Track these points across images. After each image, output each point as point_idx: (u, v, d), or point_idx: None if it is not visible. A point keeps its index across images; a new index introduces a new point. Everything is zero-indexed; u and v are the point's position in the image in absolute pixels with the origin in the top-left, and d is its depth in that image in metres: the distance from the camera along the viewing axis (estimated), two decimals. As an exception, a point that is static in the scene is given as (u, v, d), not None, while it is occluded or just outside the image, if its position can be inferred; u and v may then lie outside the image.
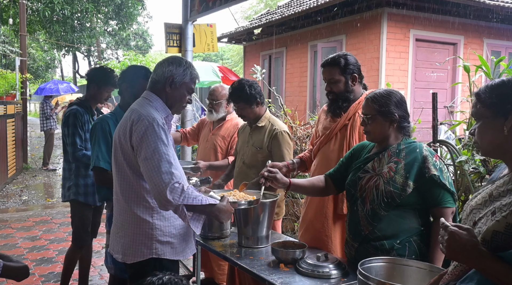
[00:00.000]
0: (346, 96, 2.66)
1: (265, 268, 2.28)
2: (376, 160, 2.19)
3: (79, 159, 3.30)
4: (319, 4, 9.01)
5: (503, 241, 1.25)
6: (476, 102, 1.44)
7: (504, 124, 1.36)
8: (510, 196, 1.30)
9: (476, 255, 1.26)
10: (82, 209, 3.44)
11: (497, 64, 3.31)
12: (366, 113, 2.19)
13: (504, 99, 1.37)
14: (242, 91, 3.07)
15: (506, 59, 3.89)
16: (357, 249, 2.18)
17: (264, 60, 12.24)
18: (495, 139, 1.39)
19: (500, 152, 1.42)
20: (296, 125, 5.38)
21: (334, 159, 2.67)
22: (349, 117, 2.66)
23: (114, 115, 2.86)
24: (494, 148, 1.42)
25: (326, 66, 2.67)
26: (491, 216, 1.31)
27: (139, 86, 2.68)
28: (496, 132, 1.38)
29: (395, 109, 2.13)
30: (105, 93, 3.44)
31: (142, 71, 2.82)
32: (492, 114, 1.39)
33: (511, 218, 1.25)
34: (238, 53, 27.81)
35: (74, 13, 16.55)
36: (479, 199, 1.42)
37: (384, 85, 7.61)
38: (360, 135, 2.62)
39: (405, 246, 2.06)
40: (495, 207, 1.32)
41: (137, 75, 2.79)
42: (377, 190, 2.11)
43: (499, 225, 1.27)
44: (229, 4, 3.93)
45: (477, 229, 1.34)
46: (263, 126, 3.15)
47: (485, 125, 1.41)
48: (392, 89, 2.23)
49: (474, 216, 1.39)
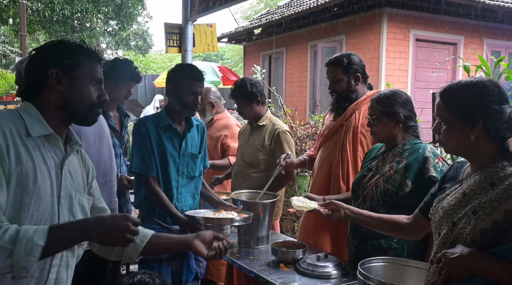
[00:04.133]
0: (348, 95, 2.67)
1: (265, 268, 2.28)
2: (381, 159, 2.21)
3: None
4: (319, 4, 9.01)
5: (492, 237, 1.29)
6: (441, 104, 1.45)
7: (471, 131, 1.37)
8: (486, 193, 1.34)
9: (473, 259, 1.29)
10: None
11: (497, 64, 3.31)
12: (371, 114, 2.20)
13: (471, 106, 1.38)
14: (243, 89, 3.09)
15: (506, 59, 3.88)
16: (356, 247, 2.19)
17: (264, 60, 12.24)
18: (461, 142, 1.42)
19: (465, 153, 1.44)
20: (296, 125, 5.38)
21: (328, 159, 2.70)
22: (346, 118, 2.67)
23: (157, 117, 2.53)
24: (459, 149, 1.45)
25: (329, 65, 2.69)
26: (473, 215, 1.34)
27: (184, 88, 2.45)
28: (462, 137, 1.40)
29: (400, 109, 2.13)
30: (123, 90, 2.91)
31: (187, 70, 2.52)
32: (459, 122, 1.40)
33: (496, 214, 1.29)
34: (238, 53, 27.81)
35: (74, 13, 16.55)
36: (451, 200, 1.44)
37: (384, 85, 7.61)
38: (354, 135, 2.63)
39: (403, 247, 2.06)
40: (474, 206, 1.34)
41: (181, 75, 2.49)
42: (377, 188, 2.12)
43: (485, 223, 1.30)
44: (229, 4, 3.93)
45: (459, 229, 1.37)
46: (264, 125, 3.16)
47: (451, 130, 1.43)
48: (397, 89, 2.23)
49: (452, 217, 1.41)
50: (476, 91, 1.39)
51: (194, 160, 2.58)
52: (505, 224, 1.28)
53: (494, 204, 1.30)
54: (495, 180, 1.35)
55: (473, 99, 1.39)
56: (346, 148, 2.65)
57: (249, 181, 3.06)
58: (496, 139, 1.38)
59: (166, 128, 2.49)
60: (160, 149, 2.46)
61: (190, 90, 2.45)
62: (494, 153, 1.38)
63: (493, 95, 1.38)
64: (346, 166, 2.64)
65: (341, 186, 2.64)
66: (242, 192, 2.84)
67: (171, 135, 2.50)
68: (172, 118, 2.50)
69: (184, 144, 2.52)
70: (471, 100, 1.39)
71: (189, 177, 2.57)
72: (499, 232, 1.28)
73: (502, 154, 1.38)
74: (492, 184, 1.35)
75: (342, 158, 2.66)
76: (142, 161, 2.44)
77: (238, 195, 2.81)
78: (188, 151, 2.54)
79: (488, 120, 1.36)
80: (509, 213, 1.27)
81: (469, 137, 1.38)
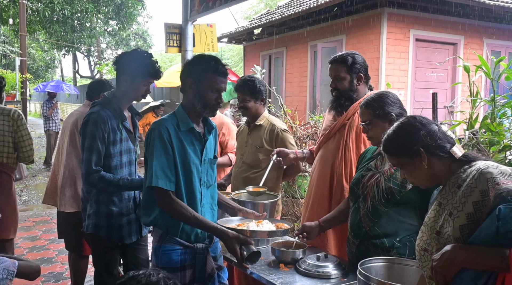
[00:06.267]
0: (349, 94, 2.67)
1: (265, 268, 2.28)
2: (379, 158, 2.21)
3: (93, 184, 2.45)
4: (319, 4, 9.01)
5: (471, 230, 1.41)
6: (388, 155, 1.69)
7: (421, 161, 1.57)
8: (455, 195, 1.50)
9: (455, 252, 1.40)
10: (105, 247, 2.57)
11: (497, 64, 3.31)
12: (363, 120, 2.22)
13: (407, 144, 1.59)
14: (253, 84, 3.11)
15: (506, 59, 3.88)
16: (358, 247, 2.19)
17: (264, 60, 12.24)
18: (423, 174, 1.60)
19: (433, 179, 1.63)
20: (296, 125, 5.38)
21: (330, 158, 2.70)
22: (348, 117, 2.67)
23: (174, 118, 2.15)
24: (427, 180, 1.63)
25: (333, 63, 2.70)
26: (450, 217, 1.48)
27: (207, 84, 2.12)
28: (420, 169, 1.59)
29: (391, 108, 2.16)
30: (142, 87, 2.53)
31: (211, 63, 2.13)
32: (409, 160, 1.60)
33: (467, 208, 1.43)
34: (238, 53, 27.81)
35: (74, 13, 16.57)
36: (431, 213, 1.60)
37: (384, 85, 7.62)
38: (357, 135, 2.63)
39: (405, 245, 2.06)
40: (449, 209, 1.50)
41: (204, 69, 2.13)
42: (378, 187, 2.12)
43: (461, 219, 1.44)
44: (229, 4, 3.92)
45: (444, 235, 1.49)
46: (262, 124, 3.16)
47: (409, 169, 1.63)
48: (382, 91, 2.27)
49: (435, 227, 1.55)
50: (402, 131, 1.63)
51: (212, 166, 2.27)
52: (477, 214, 1.41)
53: (463, 200, 1.46)
54: (460, 182, 1.51)
55: (404, 138, 1.61)
56: (350, 147, 2.65)
57: (250, 182, 3.05)
58: (443, 154, 1.56)
59: (187, 132, 2.13)
60: (183, 157, 2.10)
61: (214, 86, 2.11)
62: (450, 165, 1.57)
63: (416, 126, 1.60)
64: (350, 166, 2.63)
65: (344, 185, 2.64)
66: (241, 192, 2.85)
67: (193, 139, 2.15)
68: (190, 119, 2.16)
69: (205, 149, 2.20)
70: (403, 139, 1.61)
71: (207, 186, 2.23)
72: (475, 224, 1.40)
73: (457, 163, 1.56)
74: (459, 186, 1.51)
75: (345, 157, 2.66)
76: (164, 174, 2.05)
77: (238, 195, 2.81)
78: (208, 157, 2.22)
79: (425, 145, 1.56)
80: (477, 203, 1.41)
81: (423, 166, 1.57)
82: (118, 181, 2.46)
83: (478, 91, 3.43)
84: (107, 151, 2.47)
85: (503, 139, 2.99)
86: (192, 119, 2.16)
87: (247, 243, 2.00)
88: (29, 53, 24.87)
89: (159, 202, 2.07)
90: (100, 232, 2.52)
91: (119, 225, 2.53)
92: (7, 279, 1.77)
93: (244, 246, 1.99)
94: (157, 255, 2.12)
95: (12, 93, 10.65)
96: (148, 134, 2.13)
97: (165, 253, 2.10)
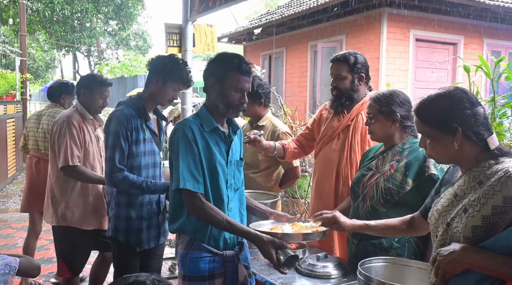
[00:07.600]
0: (350, 94, 2.67)
1: (265, 268, 2.28)
2: (380, 158, 2.22)
3: (116, 183, 2.39)
4: (319, 4, 9.01)
5: (483, 233, 1.34)
6: (419, 121, 1.53)
7: (453, 140, 1.45)
8: (475, 191, 1.41)
9: (464, 254, 1.34)
10: (124, 252, 2.51)
11: (497, 64, 3.31)
12: (369, 112, 2.22)
13: (447, 117, 1.45)
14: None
15: (506, 59, 3.88)
16: (357, 246, 2.19)
17: (264, 60, 12.24)
18: (447, 153, 1.49)
19: (454, 161, 1.52)
20: (296, 125, 5.38)
21: (335, 160, 2.68)
22: (352, 118, 2.67)
23: (198, 118, 2.08)
24: (448, 159, 1.52)
25: (335, 61, 2.69)
26: (464, 214, 1.40)
27: (230, 83, 2.03)
28: (447, 148, 1.47)
29: (398, 108, 2.14)
30: (170, 91, 2.49)
31: (235, 61, 2.04)
32: (440, 134, 1.47)
33: (485, 210, 1.34)
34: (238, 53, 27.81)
35: (74, 13, 16.56)
36: (444, 201, 1.51)
37: (384, 85, 7.61)
38: (362, 137, 2.63)
39: (404, 246, 2.07)
40: (465, 205, 1.41)
41: (228, 68, 2.04)
42: (377, 187, 2.12)
43: (476, 220, 1.36)
44: (229, 4, 3.92)
45: (453, 229, 1.42)
46: (264, 125, 3.16)
47: (435, 143, 1.50)
48: (396, 89, 2.24)
49: (445, 218, 1.47)
50: (447, 102, 1.47)
51: (239, 168, 2.19)
52: (494, 219, 1.33)
53: (482, 201, 1.36)
54: (483, 179, 1.41)
55: (447, 111, 1.46)
56: (355, 149, 2.64)
57: (248, 182, 3.05)
58: (477, 141, 1.44)
59: (211, 132, 2.06)
60: (208, 158, 2.02)
61: (238, 86, 2.02)
62: (478, 154, 1.45)
63: (463, 102, 1.44)
64: (356, 167, 2.62)
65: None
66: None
67: (218, 140, 2.08)
68: (214, 119, 2.09)
69: (230, 150, 2.12)
70: (445, 112, 1.46)
71: (235, 189, 2.14)
72: (490, 228, 1.33)
73: (485, 153, 1.45)
74: (480, 183, 1.41)
75: (350, 159, 2.65)
76: (192, 176, 1.96)
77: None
78: (234, 158, 2.14)
79: (465, 126, 1.43)
80: (497, 207, 1.33)
81: (453, 146, 1.45)
82: (142, 183, 2.39)
83: (478, 91, 3.42)
84: (130, 150, 2.42)
85: (503, 139, 2.98)
86: (216, 119, 2.08)
87: (283, 247, 1.89)
88: (29, 53, 24.87)
89: (189, 206, 1.97)
90: (118, 236, 2.47)
91: (138, 229, 2.47)
92: (9, 275, 1.83)
93: (280, 251, 1.88)
94: (183, 262, 2.03)
95: (12, 93, 10.62)
96: (171, 135, 2.05)
97: (193, 261, 2.00)
